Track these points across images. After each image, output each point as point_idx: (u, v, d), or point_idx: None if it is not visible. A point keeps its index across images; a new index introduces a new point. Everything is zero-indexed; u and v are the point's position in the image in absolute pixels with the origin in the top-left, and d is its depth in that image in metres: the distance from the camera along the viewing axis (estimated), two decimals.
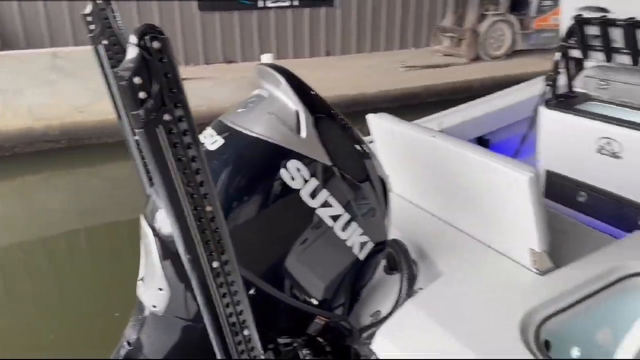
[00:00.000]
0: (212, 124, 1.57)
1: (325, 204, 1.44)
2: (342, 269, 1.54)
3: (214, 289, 1.07)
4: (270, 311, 1.47)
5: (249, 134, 1.44)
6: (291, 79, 1.48)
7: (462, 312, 1.55)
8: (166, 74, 0.89)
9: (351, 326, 1.65)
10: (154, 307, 1.45)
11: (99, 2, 1.54)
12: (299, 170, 1.40)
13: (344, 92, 8.28)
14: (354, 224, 1.51)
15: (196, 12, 10.90)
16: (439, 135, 1.90)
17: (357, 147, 1.53)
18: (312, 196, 1.43)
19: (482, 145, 3.09)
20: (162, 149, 0.92)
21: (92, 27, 1.60)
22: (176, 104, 0.91)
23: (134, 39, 0.86)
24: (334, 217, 1.47)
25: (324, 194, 1.44)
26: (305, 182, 1.41)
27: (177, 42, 10.66)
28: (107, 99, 1.70)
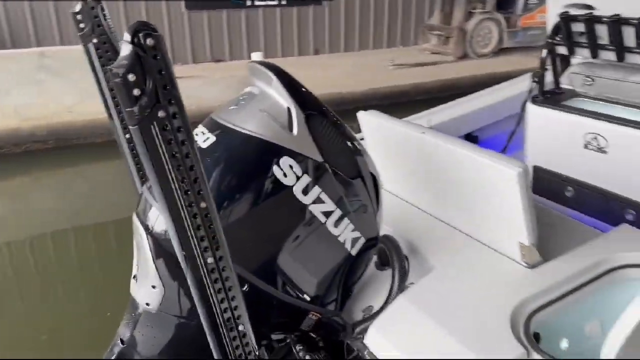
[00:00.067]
0: (204, 122, 1.57)
1: (317, 201, 1.46)
2: (334, 264, 1.55)
3: (209, 284, 1.08)
4: (263, 307, 1.47)
5: (241, 131, 1.45)
6: (282, 77, 1.49)
7: (454, 306, 1.57)
8: (160, 71, 0.90)
9: (344, 321, 1.66)
10: (148, 304, 1.45)
11: (89, 0, 1.53)
12: (291, 167, 1.41)
13: (333, 90, 8.29)
14: (346, 220, 1.52)
15: (184, 11, 10.85)
16: (429, 131, 1.92)
17: (349, 143, 1.54)
18: (305, 193, 1.44)
19: (471, 141, 3.11)
20: (157, 145, 0.93)
21: (82, 26, 1.60)
22: (170, 101, 0.92)
23: (127, 36, 0.87)
24: (326, 214, 1.48)
25: (316, 191, 1.45)
26: (297, 179, 1.42)
27: (165, 41, 10.57)
28: (96, 98, 1.70)
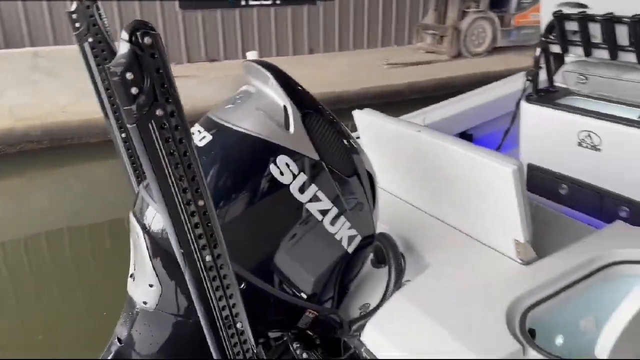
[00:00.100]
0: (200, 121, 1.57)
1: (314, 199, 1.46)
2: (331, 262, 1.56)
3: (207, 282, 1.08)
4: (260, 305, 1.48)
5: (238, 129, 1.45)
6: (279, 75, 1.49)
7: (450, 303, 1.58)
8: (158, 70, 0.90)
9: (340, 319, 1.67)
10: (145, 303, 1.45)
11: (84, 0, 1.53)
12: (288, 165, 1.42)
13: (328, 90, 8.29)
14: (343, 218, 1.53)
15: (178, 11, 10.83)
16: (424, 130, 1.93)
17: (345, 141, 1.55)
18: (301, 191, 1.44)
19: (465, 140, 3.12)
20: (155, 144, 0.93)
21: (77, 25, 1.60)
22: (168, 99, 0.92)
23: (125, 35, 0.87)
24: (323, 212, 1.49)
25: (313, 189, 1.46)
26: (294, 177, 1.43)
27: None
28: (90, 98, 1.70)
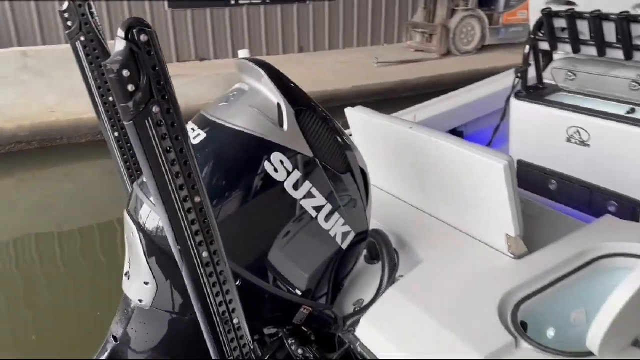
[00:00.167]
0: (194, 118, 1.58)
1: (308, 195, 1.47)
2: (325, 258, 1.57)
3: (204, 278, 1.09)
4: (256, 301, 1.49)
5: (232, 127, 1.46)
6: (272, 72, 1.50)
7: (443, 297, 1.60)
8: (154, 67, 0.90)
9: (335, 315, 1.68)
10: (140, 301, 1.45)
11: None
12: (282, 162, 1.43)
13: (319, 88, 8.29)
14: (336, 214, 1.54)
15: (167, 9, 10.77)
16: (416, 126, 1.94)
17: (338, 138, 1.56)
18: (295, 188, 1.45)
19: (456, 136, 3.15)
20: (151, 140, 0.94)
21: (69, 24, 1.59)
22: (164, 96, 0.93)
23: (121, 32, 0.88)
24: (317, 208, 1.50)
25: (307, 185, 1.47)
26: (288, 174, 1.44)
27: None
28: (78, 98, 1.69)
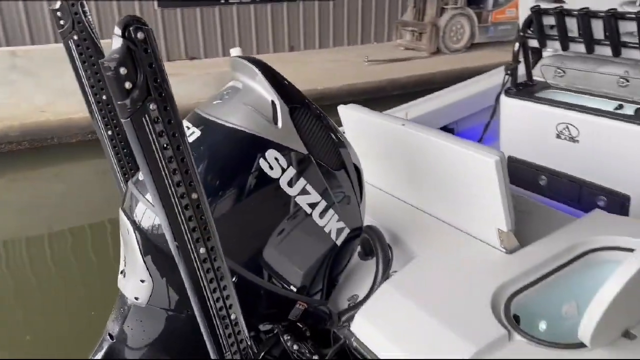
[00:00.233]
0: (188, 117, 1.58)
1: (302, 192, 1.48)
2: (320, 254, 1.58)
3: (202, 274, 1.09)
4: (252, 298, 1.49)
5: (227, 125, 1.46)
6: (266, 70, 1.50)
7: (437, 291, 1.62)
8: (150, 65, 0.91)
9: (330, 311, 1.69)
10: (137, 299, 1.46)
11: None
12: (277, 159, 1.43)
13: (310, 87, 8.30)
14: (331, 210, 1.55)
15: (157, 9, 10.73)
16: (409, 123, 1.96)
17: (332, 135, 1.57)
18: (290, 185, 1.46)
19: None
20: (149, 138, 0.94)
21: (62, 23, 1.59)
22: (161, 94, 0.94)
23: (118, 30, 0.88)
24: (312, 205, 1.51)
25: (302, 182, 1.48)
26: (283, 171, 1.45)
27: None
28: (69, 98, 1.70)
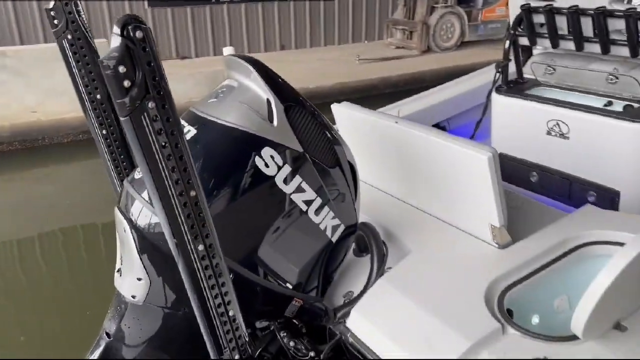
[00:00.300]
0: (183, 115, 1.58)
1: (298, 189, 1.50)
2: (315, 251, 1.60)
3: (200, 271, 1.10)
4: (249, 295, 1.50)
5: (222, 123, 1.47)
6: (261, 69, 1.51)
7: (431, 287, 1.64)
8: (149, 63, 0.92)
9: (325, 307, 1.71)
10: (134, 297, 1.46)
11: None
12: (272, 157, 1.45)
13: (302, 85, 8.31)
14: (326, 208, 1.57)
15: (147, 8, 10.68)
16: (402, 121, 1.98)
17: (327, 133, 1.59)
18: (286, 182, 1.47)
19: None
20: (147, 136, 0.95)
21: (56, 22, 1.60)
22: (159, 92, 0.94)
23: (117, 29, 0.89)
24: (307, 202, 1.52)
25: (297, 180, 1.49)
26: (278, 169, 1.46)
27: None
28: (59, 98, 1.70)
